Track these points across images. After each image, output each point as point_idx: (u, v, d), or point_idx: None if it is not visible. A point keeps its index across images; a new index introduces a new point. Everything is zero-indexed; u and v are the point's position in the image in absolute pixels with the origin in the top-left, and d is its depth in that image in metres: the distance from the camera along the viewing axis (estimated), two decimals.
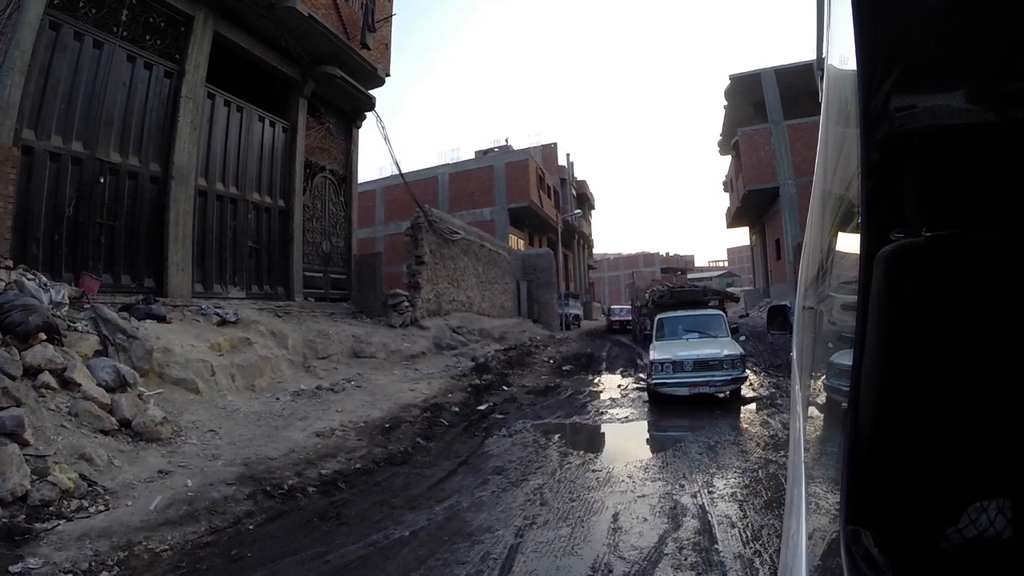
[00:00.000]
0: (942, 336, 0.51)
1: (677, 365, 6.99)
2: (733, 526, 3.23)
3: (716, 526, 3.24)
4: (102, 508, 3.61)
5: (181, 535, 3.34)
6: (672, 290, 11.63)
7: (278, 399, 6.47)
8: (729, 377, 6.82)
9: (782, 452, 4.57)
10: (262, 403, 6.29)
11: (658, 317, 8.82)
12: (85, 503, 3.65)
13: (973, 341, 0.50)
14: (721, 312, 9.20)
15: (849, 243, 0.74)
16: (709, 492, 3.84)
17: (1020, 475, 0.48)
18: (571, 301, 24.35)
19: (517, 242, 25.48)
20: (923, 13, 0.52)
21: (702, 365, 6.92)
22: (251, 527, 3.48)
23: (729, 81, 21.12)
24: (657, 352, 7.38)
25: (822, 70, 1.95)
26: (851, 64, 0.59)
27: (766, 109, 19.87)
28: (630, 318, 19.46)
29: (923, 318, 0.51)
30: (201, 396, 6.16)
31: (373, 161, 74.48)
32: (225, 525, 3.50)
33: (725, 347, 7.21)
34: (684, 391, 6.88)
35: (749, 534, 3.12)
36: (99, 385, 5.32)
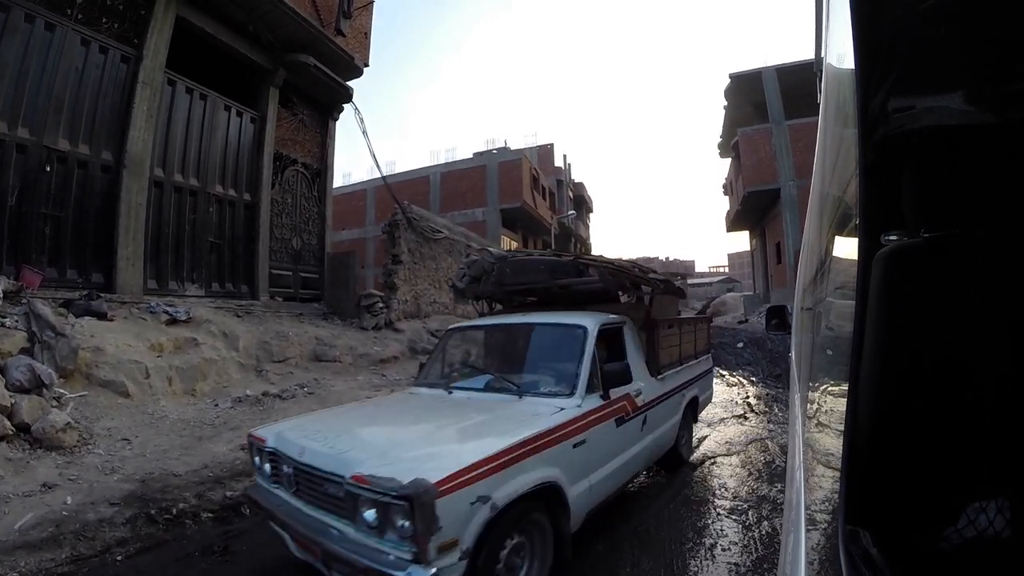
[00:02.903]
0: (940, 337, 0.51)
1: (275, 463, 2.55)
2: None
3: None
4: None
5: (36, 561, 2.84)
6: (500, 261, 4.62)
7: (217, 405, 5.94)
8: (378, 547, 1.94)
9: None
10: (197, 410, 5.76)
11: (449, 328, 4.26)
12: None
13: (971, 342, 0.49)
14: (583, 327, 3.24)
15: (847, 244, 0.73)
16: None
17: (1018, 476, 0.47)
18: None
19: (509, 244, 24.94)
20: (921, 13, 0.49)
21: (313, 485, 2.28)
22: (119, 558, 2.95)
23: (729, 80, 20.59)
24: (289, 423, 2.98)
25: (821, 70, 1.94)
26: (849, 64, 0.59)
27: (767, 109, 19.32)
28: None
29: (921, 319, 0.51)
30: (131, 400, 5.65)
31: (366, 161, 74.84)
32: (90, 553, 2.97)
33: (438, 442, 2.37)
34: (287, 541, 2.39)
35: None
36: (10, 386, 4.87)
